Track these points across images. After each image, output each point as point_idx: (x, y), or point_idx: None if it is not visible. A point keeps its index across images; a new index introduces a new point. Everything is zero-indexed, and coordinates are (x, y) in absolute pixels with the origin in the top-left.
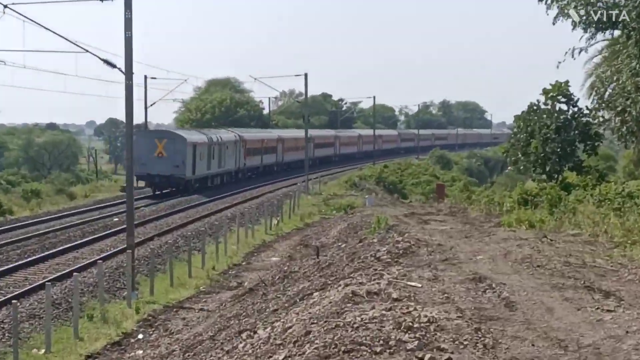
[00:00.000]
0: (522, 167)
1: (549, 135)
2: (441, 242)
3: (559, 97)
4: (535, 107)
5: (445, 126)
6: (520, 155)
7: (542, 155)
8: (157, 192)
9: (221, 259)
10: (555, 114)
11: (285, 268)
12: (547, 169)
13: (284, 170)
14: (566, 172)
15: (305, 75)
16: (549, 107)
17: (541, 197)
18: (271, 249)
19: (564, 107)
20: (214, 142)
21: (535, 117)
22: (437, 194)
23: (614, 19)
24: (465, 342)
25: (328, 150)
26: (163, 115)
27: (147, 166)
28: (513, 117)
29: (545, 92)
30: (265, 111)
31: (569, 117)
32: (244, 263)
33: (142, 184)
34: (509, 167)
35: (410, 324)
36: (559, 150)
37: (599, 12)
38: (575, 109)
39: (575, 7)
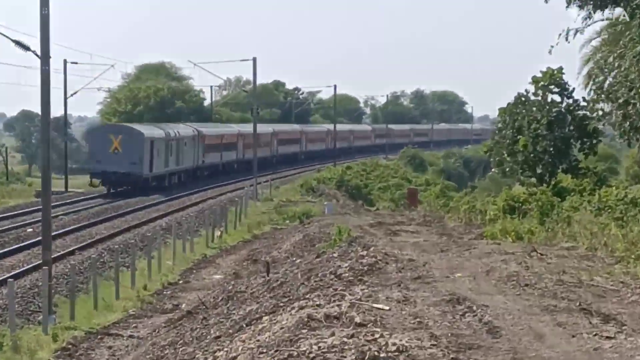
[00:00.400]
0: (508, 169)
1: (539, 131)
2: (413, 257)
3: (551, 87)
4: (523, 99)
5: (419, 120)
6: (505, 155)
7: (531, 154)
8: (112, 191)
9: (154, 276)
10: (547, 107)
11: (230, 287)
12: (538, 171)
13: (245, 169)
14: (560, 174)
15: (254, 60)
16: (539, 98)
17: (530, 204)
18: (213, 265)
19: (557, 98)
20: (172, 137)
21: (524, 110)
22: (409, 200)
23: None
24: None
25: (293, 147)
26: (86, 107)
27: (101, 163)
28: (497, 110)
29: (535, 80)
30: (208, 102)
31: (563, 110)
32: (181, 282)
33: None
34: (493, 169)
35: (376, 353)
36: (551, 149)
37: None
38: (571, 101)
39: None
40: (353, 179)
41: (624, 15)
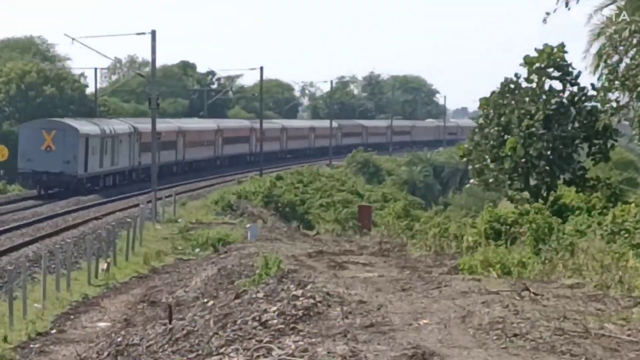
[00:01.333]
0: (492, 180)
1: (534, 129)
2: (364, 298)
3: (550, 70)
4: (512, 86)
5: (373, 114)
6: (488, 161)
7: (522, 160)
8: (42, 193)
9: (18, 324)
10: (545, 97)
11: (119, 339)
12: (532, 182)
13: (186, 172)
14: (561, 187)
15: (153, 33)
16: (534, 85)
17: (522, 226)
18: (97, 308)
19: (558, 85)
20: (107, 134)
21: (513, 102)
22: (360, 221)
23: None
24: None
25: (241, 147)
26: None
27: (32, 162)
28: (478, 101)
29: (528, 61)
30: (91, 89)
31: (565, 101)
32: (53, 331)
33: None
34: (472, 180)
35: None
36: (549, 152)
37: None
38: (575, 89)
39: None
40: (285, 193)
41: None
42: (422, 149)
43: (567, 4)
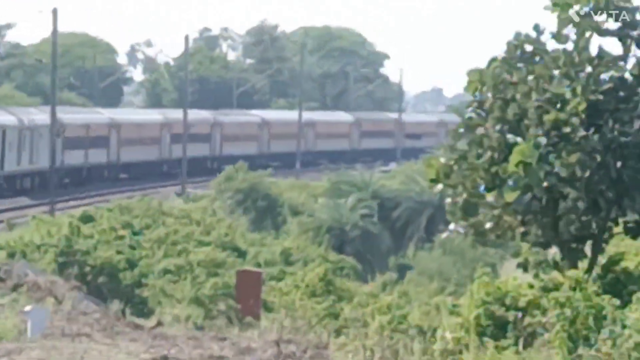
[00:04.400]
0: (489, 225)
1: (569, 129)
2: None
3: (601, 18)
4: (527, 48)
5: (267, 97)
6: (483, 188)
7: (547, 187)
8: None
9: None
10: (591, 68)
11: None
12: (563, 229)
13: (120, 179)
14: (620, 239)
15: None
16: (568, 47)
17: (545, 313)
18: None
19: (615, 46)
20: (25, 126)
21: (530, 78)
22: (241, 301)
23: None
24: None
25: (200, 148)
26: None
27: None
28: (466, 78)
29: (559, 2)
30: None
31: (629, 75)
32: None
33: None
34: (452, 225)
35: None
36: (597, 173)
37: None
38: None
39: None
40: (99, 248)
41: None
42: (370, 164)
43: None
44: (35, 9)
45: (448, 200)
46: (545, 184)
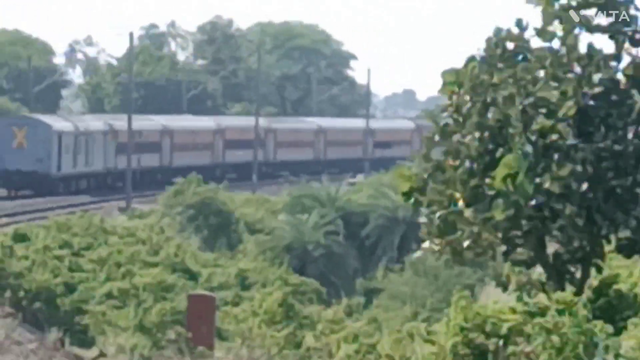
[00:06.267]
0: (468, 244)
1: (557, 137)
2: None
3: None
4: (509, 46)
5: (220, 102)
6: (460, 204)
7: (533, 202)
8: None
9: None
10: (580, 67)
11: None
12: (551, 247)
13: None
14: (613, 258)
15: None
16: (555, 44)
17: (530, 340)
18: None
19: (607, 44)
20: (80, 131)
21: (512, 80)
22: (192, 329)
23: None
24: None
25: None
26: None
27: (3, 160)
28: (440, 77)
29: None
30: None
31: (621, 76)
32: None
33: None
34: (426, 243)
35: None
36: (587, 185)
37: None
38: None
39: None
40: (35, 270)
41: None
42: (337, 175)
43: None
44: None
45: (421, 217)
46: (533, 200)
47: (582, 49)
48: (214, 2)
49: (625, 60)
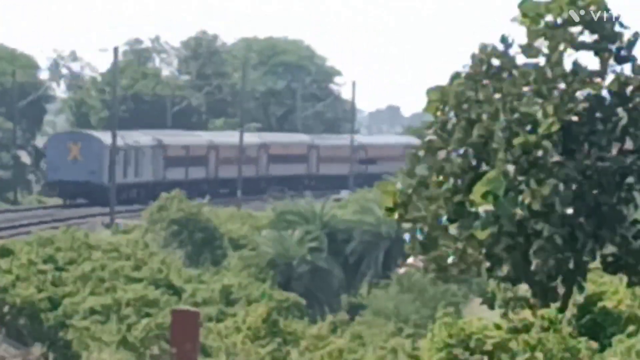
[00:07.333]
0: (452, 260)
1: (541, 153)
2: None
3: (575, 30)
4: (494, 62)
5: (205, 118)
6: (445, 219)
7: (517, 219)
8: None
9: None
10: (564, 84)
11: None
12: (535, 264)
13: (218, 193)
14: (597, 274)
15: None
16: (540, 61)
17: (515, 355)
18: None
19: (592, 61)
20: (130, 146)
21: (497, 96)
22: (176, 344)
23: None
24: None
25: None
26: None
27: (59, 172)
28: (426, 96)
29: (529, 11)
30: None
31: (606, 93)
32: None
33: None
34: (410, 259)
35: None
36: (572, 203)
37: None
38: (629, 69)
39: None
40: (19, 285)
41: None
42: (325, 192)
43: None
44: None
45: (406, 234)
46: (517, 218)
47: (568, 66)
48: (198, 18)
49: (610, 77)
